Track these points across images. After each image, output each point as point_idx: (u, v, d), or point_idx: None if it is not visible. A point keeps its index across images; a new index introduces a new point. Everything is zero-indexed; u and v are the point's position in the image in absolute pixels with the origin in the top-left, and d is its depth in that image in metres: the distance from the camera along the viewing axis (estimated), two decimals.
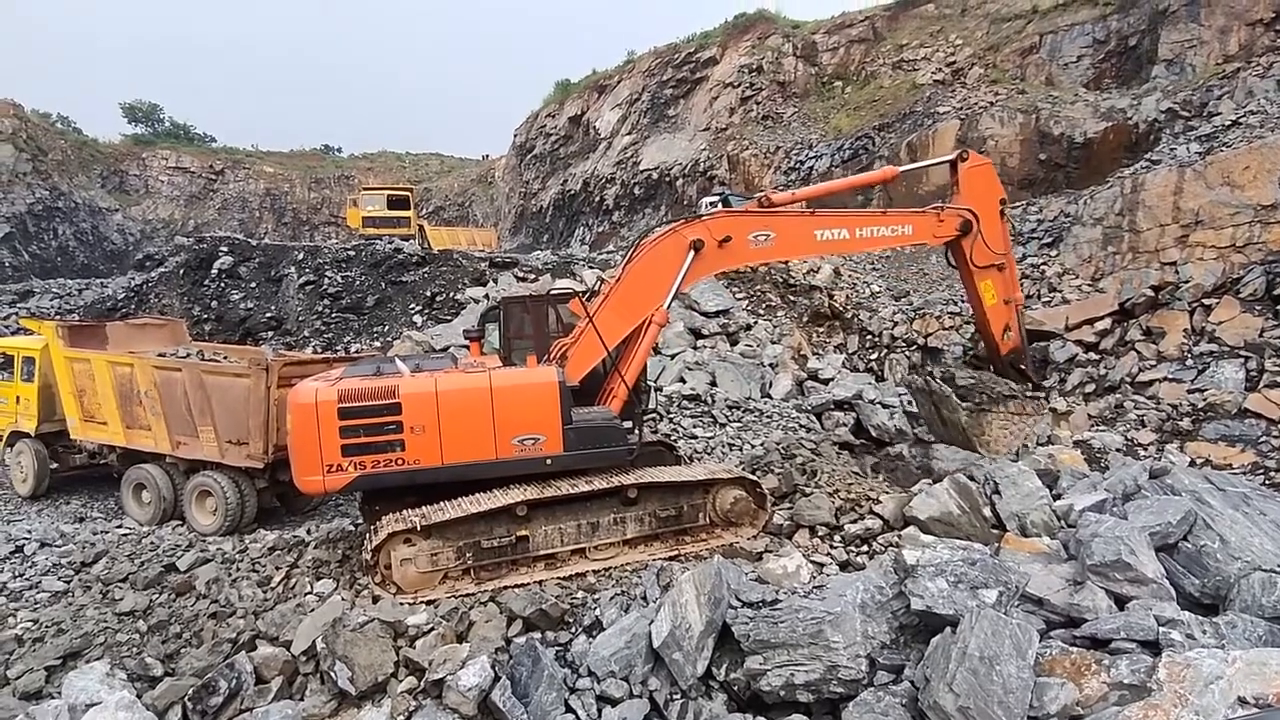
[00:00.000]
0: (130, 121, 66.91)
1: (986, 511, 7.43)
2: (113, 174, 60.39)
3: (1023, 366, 9.91)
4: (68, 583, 8.70)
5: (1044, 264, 20.91)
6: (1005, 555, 5.90)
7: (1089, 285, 19.14)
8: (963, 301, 23.44)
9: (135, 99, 67.41)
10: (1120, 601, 5.03)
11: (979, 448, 9.64)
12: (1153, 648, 4.35)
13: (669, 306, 8.43)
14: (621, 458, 8.08)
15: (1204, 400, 14.41)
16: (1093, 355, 17.23)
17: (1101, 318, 17.68)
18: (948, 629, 4.50)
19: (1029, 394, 9.76)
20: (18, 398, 12.85)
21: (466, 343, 9.64)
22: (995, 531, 7.17)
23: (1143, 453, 13.52)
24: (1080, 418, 15.36)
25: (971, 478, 7.87)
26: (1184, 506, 5.83)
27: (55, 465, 12.81)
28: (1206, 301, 16.32)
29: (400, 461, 7.42)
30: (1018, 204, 25.14)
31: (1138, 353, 16.45)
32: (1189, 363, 15.50)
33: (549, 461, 7.73)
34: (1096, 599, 4.97)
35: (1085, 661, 4.28)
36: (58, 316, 22.09)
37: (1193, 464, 12.64)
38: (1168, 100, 24.60)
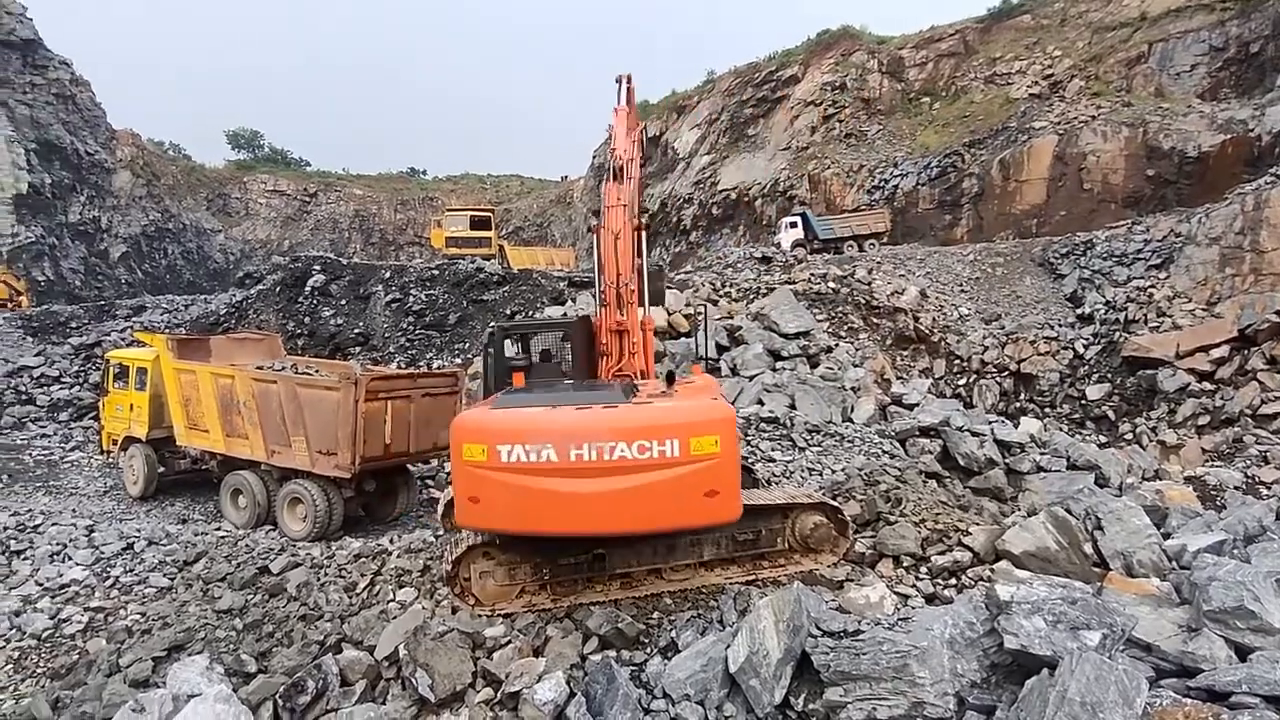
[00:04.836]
0: (234, 148, 72.14)
1: (1087, 548, 7.00)
2: (217, 197, 64.97)
3: None
4: (172, 579, 9.26)
5: (1152, 286, 19.69)
6: (1109, 595, 5.52)
7: (1203, 310, 17.90)
8: (1059, 325, 22.29)
9: (239, 126, 72.95)
10: (1241, 652, 4.64)
11: None
12: None
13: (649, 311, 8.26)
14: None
15: None
16: (1207, 385, 16.07)
17: (1218, 345, 16.50)
18: (1045, 671, 4.25)
19: None
20: (131, 405, 13.82)
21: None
22: (1097, 570, 6.76)
23: (1266, 491, 12.46)
24: (1192, 452, 14.32)
25: (1070, 511, 7.43)
26: None
27: (162, 469, 13.68)
28: None
29: None
30: (1121, 223, 23.83)
31: (1260, 383, 15.23)
32: None
33: None
34: (1214, 647, 4.61)
35: (1201, 715, 3.94)
36: (167, 331, 23.65)
37: None
38: None
